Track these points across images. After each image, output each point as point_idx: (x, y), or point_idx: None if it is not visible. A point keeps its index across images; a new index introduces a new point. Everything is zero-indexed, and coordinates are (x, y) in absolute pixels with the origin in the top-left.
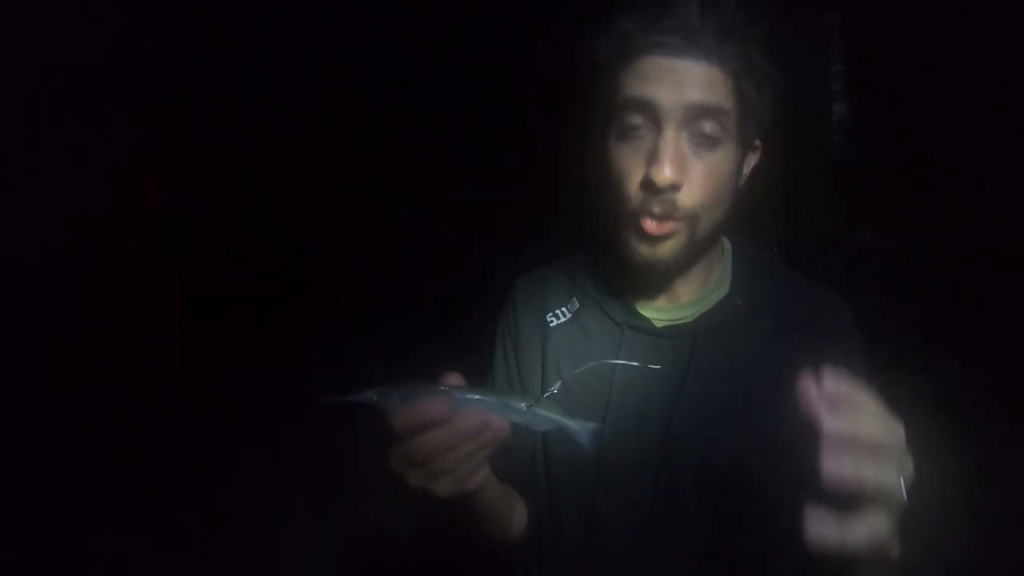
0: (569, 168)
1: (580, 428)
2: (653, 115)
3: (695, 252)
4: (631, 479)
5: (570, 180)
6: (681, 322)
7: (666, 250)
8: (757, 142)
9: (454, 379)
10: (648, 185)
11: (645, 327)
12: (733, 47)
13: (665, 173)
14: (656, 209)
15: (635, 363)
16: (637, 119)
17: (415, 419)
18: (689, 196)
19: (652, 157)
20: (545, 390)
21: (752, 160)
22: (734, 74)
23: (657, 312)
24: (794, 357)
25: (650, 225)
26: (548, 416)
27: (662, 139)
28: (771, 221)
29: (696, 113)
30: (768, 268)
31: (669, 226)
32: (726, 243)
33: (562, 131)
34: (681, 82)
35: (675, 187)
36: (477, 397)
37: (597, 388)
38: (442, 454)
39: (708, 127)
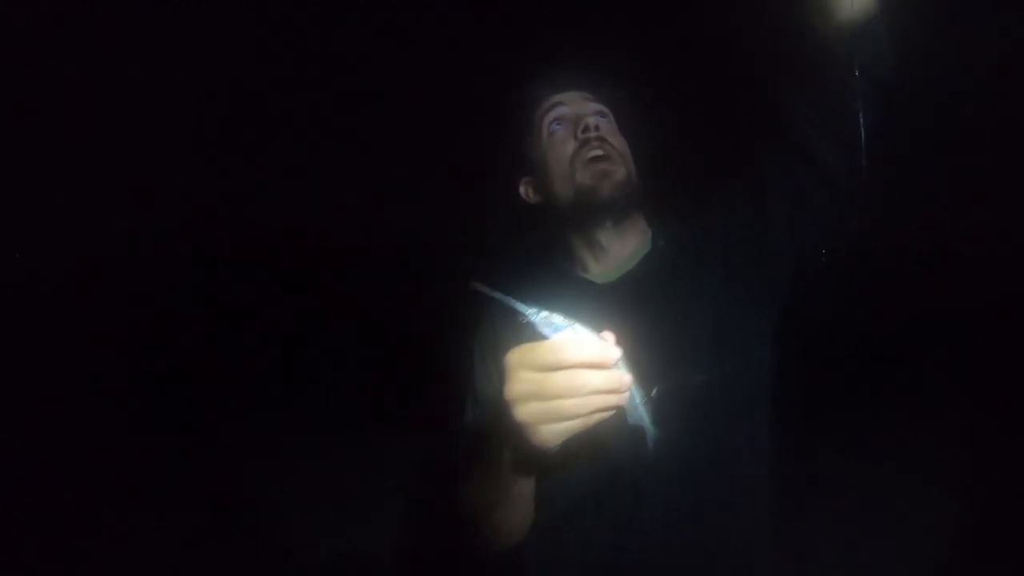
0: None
1: (652, 433)
2: (567, 117)
3: (631, 192)
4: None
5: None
6: (627, 272)
7: (614, 183)
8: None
9: (610, 336)
10: (580, 138)
11: (597, 283)
12: (606, 91)
13: (590, 124)
14: (595, 145)
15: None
16: (557, 124)
17: (586, 354)
18: (611, 141)
19: (576, 127)
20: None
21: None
22: (608, 102)
23: (604, 276)
24: (718, 263)
25: (596, 154)
26: (644, 414)
27: (579, 119)
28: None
29: (593, 112)
30: (667, 218)
31: (606, 152)
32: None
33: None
34: (580, 107)
35: (598, 130)
36: (622, 360)
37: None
38: (584, 396)
39: (603, 114)
